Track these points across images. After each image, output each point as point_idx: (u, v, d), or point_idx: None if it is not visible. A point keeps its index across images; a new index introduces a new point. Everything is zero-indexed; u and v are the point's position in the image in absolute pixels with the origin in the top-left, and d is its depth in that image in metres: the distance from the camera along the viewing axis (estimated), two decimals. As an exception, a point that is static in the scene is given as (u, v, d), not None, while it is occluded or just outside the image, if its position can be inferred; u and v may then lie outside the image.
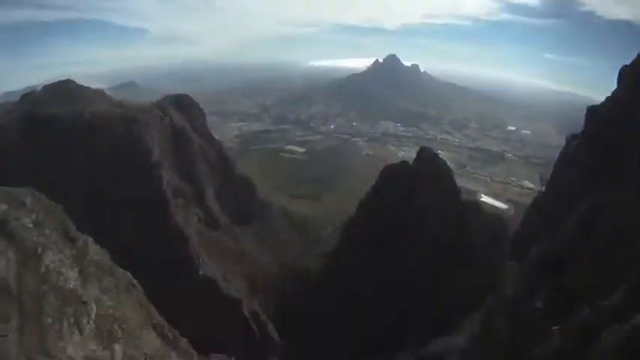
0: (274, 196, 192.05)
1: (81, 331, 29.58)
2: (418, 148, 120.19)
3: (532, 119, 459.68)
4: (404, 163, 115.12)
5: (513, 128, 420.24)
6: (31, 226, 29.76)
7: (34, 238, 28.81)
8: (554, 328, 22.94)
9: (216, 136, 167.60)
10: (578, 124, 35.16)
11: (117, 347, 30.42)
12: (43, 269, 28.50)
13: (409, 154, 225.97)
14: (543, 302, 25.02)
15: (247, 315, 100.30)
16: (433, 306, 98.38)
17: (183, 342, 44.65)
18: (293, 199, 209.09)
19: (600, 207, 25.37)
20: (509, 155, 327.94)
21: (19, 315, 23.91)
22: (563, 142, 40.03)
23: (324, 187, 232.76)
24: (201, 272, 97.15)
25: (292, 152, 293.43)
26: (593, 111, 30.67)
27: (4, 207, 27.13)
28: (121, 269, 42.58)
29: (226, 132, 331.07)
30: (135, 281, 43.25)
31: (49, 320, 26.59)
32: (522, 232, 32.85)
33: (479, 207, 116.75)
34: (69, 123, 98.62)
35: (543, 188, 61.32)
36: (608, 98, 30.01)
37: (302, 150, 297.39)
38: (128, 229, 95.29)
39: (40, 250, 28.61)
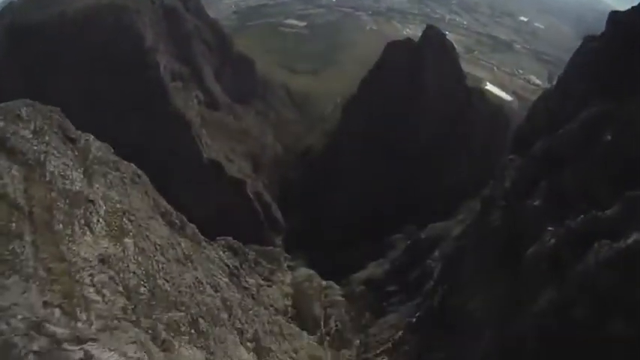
0: (274, 72, 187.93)
1: (92, 231, 30.43)
2: (424, 27, 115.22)
3: (547, 14, 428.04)
4: (409, 40, 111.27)
5: (526, 19, 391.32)
6: (30, 136, 29.30)
7: (35, 148, 28.64)
8: (550, 229, 23.42)
9: (212, 14, 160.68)
10: (595, 29, 33.39)
11: (128, 241, 31.49)
12: (48, 177, 28.51)
13: (415, 32, 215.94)
14: (541, 200, 25.24)
15: (251, 196, 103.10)
16: (431, 191, 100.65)
17: (190, 228, 46.38)
18: (293, 74, 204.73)
19: (609, 114, 24.86)
20: (519, 47, 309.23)
21: (31, 228, 24.57)
22: (576, 44, 38.14)
23: (325, 62, 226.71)
24: (205, 156, 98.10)
25: (292, 26, 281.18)
26: (615, 16, 28.84)
27: (1, 124, 26.69)
28: (125, 162, 42.80)
29: (222, 9, 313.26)
30: (139, 171, 43.61)
31: (60, 226, 27.26)
32: (526, 127, 32.25)
33: (484, 94, 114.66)
34: (55, 26, 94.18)
35: (551, 85, 59.86)
36: (634, 7, 28.13)
37: (302, 24, 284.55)
38: (129, 122, 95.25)
39: (42, 158, 28.53)
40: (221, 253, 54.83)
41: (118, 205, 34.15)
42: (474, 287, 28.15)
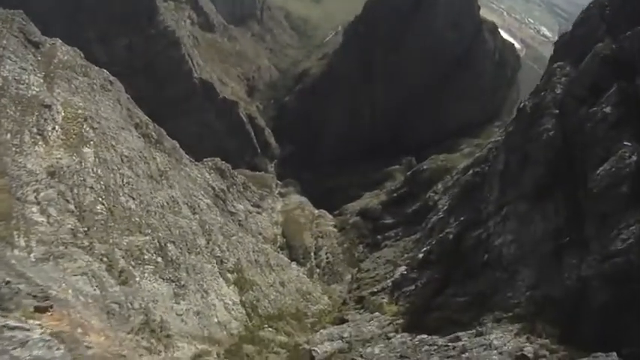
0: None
1: (46, 140, 25.22)
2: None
3: None
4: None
5: None
6: (-17, 43, 24.54)
7: (-12, 51, 24.37)
8: (627, 143, 17.51)
9: None
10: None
11: (87, 151, 26.11)
12: (0, 82, 23.98)
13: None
14: (613, 107, 19.00)
15: (244, 118, 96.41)
16: (431, 125, 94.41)
17: (170, 142, 40.48)
18: (294, 0, 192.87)
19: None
20: None
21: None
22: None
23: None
24: (195, 75, 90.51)
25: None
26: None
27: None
28: (97, 68, 37.03)
29: None
30: (112, 78, 37.87)
31: (8, 136, 22.46)
32: (577, 33, 25.81)
33: (496, 28, 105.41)
34: None
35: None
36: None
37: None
38: (118, 40, 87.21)
39: (-6, 64, 24.07)
40: (206, 174, 49.33)
41: (80, 111, 28.63)
42: (505, 220, 22.62)
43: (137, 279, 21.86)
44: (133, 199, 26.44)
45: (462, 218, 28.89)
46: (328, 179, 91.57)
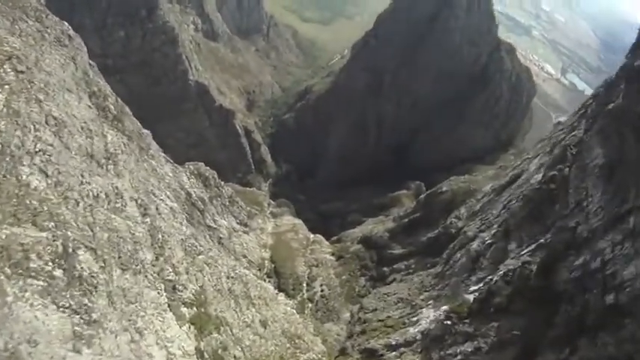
0: (282, 16, 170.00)
1: None
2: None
3: (568, 7, 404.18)
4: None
5: (548, 9, 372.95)
6: None
7: None
8: None
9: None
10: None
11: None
12: None
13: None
14: None
15: (240, 130, 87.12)
16: (439, 149, 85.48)
17: (134, 124, 30.67)
18: (302, 22, 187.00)
19: None
20: (537, 33, 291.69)
21: None
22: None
23: (336, 13, 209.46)
24: (191, 77, 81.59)
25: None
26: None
27: None
28: (57, 19, 28.06)
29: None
30: (74, 34, 28.73)
31: None
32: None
33: (514, 50, 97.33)
34: None
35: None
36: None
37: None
38: (115, 31, 78.91)
39: None
40: (184, 177, 39.55)
41: (7, 49, 19.61)
42: (636, 237, 12.85)
43: (9, 300, 11.80)
44: (46, 175, 16.73)
45: (540, 241, 19.09)
46: (326, 202, 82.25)
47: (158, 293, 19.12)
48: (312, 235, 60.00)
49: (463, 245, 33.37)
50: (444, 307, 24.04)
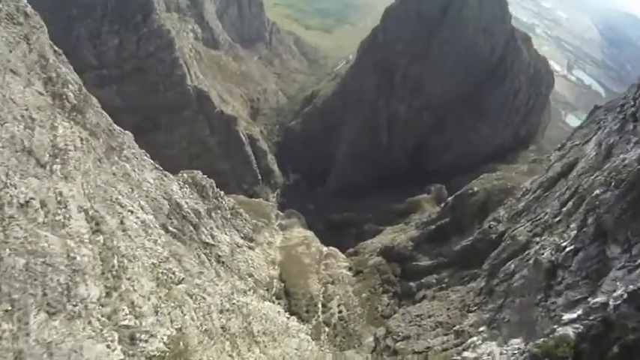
0: (285, 25, 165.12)
1: None
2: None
3: (569, 4, 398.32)
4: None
5: (549, 6, 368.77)
6: None
7: None
8: None
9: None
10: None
11: None
12: None
13: None
14: None
15: (244, 138, 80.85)
16: (456, 148, 78.81)
17: (104, 121, 24.35)
18: (305, 29, 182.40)
19: None
20: (540, 31, 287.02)
21: None
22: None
23: (338, 20, 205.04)
24: (189, 82, 75.63)
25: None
26: None
27: None
28: None
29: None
30: (32, 12, 22.63)
31: None
32: None
33: (529, 39, 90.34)
34: None
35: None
36: None
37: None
38: (109, 39, 73.59)
39: None
40: (173, 186, 33.24)
41: None
42: None
43: None
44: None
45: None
46: (338, 212, 75.75)
47: (108, 347, 12.70)
48: (325, 248, 53.77)
49: (516, 253, 26.68)
50: (518, 343, 17.37)
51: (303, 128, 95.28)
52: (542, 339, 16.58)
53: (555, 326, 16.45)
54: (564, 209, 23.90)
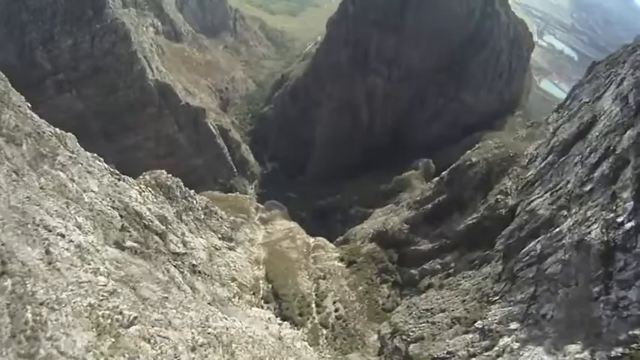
0: (248, 10, 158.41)
1: None
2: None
3: None
4: None
5: None
6: None
7: None
8: None
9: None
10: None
11: None
12: None
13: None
14: None
15: (214, 130, 75.58)
16: (437, 120, 74.85)
17: (22, 121, 19.16)
18: (269, 14, 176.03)
19: None
20: None
21: None
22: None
23: (303, 4, 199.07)
24: (150, 77, 69.83)
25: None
26: None
27: None
28: None
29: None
30: None
31: None
32: None
33: (507, 2, 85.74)
34: None
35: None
36: None
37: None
38: (62, 40, 67.48)
39: None
40: (132, 192, 28.31)
41: None
42: None
43: None
44: None
45: None
46: (322, 197, 71.54)
47: None
48: (312, 239, 49.59)
49: (538, 231, 22.50)
50: (579, 351, 13.22)
51: (276, 114, 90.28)
52: (618, 348, 12.35)
53: (636, 331, 12.24)
54: (595, 175, 19.77)
